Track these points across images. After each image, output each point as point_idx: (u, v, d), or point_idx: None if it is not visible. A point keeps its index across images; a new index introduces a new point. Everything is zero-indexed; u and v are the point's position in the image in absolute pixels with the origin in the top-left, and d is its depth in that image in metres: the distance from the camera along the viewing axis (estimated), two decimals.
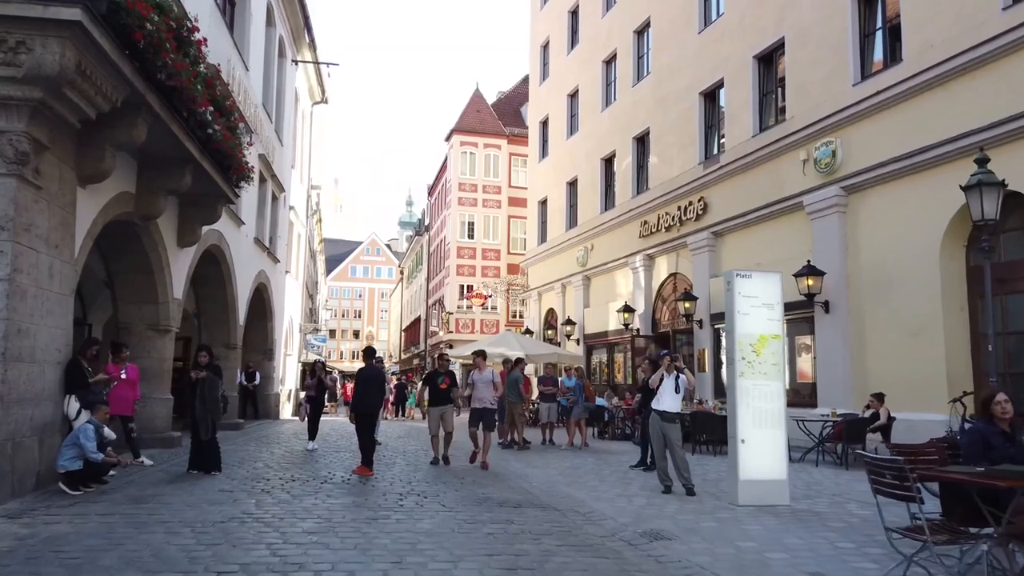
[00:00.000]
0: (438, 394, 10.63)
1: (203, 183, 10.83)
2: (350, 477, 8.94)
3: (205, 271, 15.48)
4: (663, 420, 8.30)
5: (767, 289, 7.69)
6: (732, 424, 7.53)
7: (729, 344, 7.64)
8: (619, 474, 9.95)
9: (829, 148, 13.71)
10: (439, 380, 10.70)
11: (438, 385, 10.63)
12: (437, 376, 10.82)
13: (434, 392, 10.73)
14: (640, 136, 21.16)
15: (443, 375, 10.74)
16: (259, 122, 17.88)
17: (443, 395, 10.58)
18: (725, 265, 17.07)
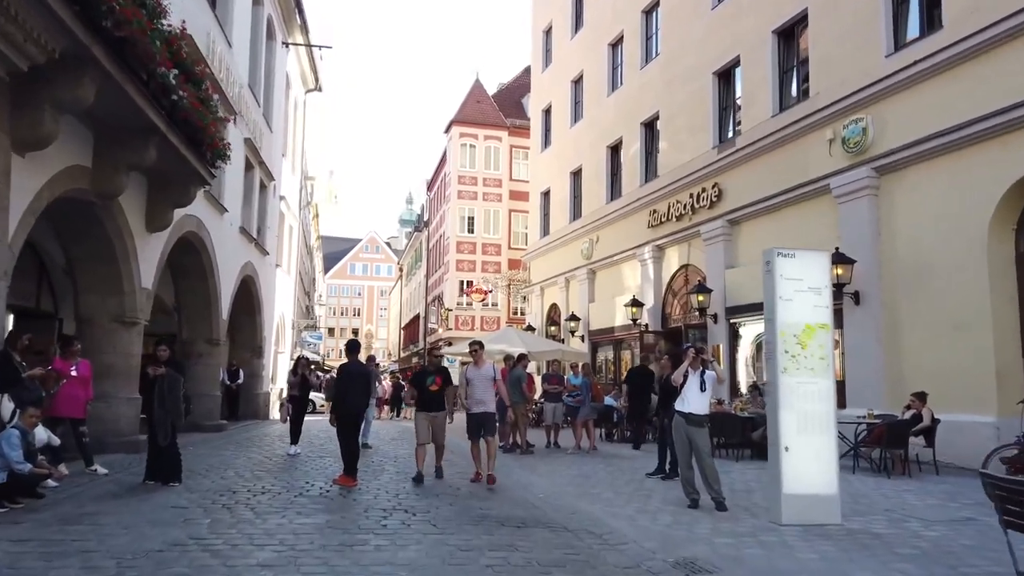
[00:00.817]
0: (428, 397, 8.71)
1: (171, 159, 9.74)
2: (330, 488, 7.85)
3: (183, 261, 14.43)
4: (689, 424, 7.20)
5: (813, 270, 6.59)
6: (773, 429, 6.43)
7: (769, 335, 6.54)
8: (635, 483, 8.86)
9: (859, 126, 12.59)
10: (428, 380, 8.74)
11: (427, 386, 8.70)
12: (426, 375, 8.88)
13: (423, 394, 8.77)
14: (648, 121, 20.05)
15: (433, 374, 8.80)
16: (244, 104, 16.80)
17: (434, 398, 8.72)
18: (742, 255, 15.98)
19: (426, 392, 8.73)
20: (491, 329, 33.63)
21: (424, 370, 9.27)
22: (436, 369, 9.01)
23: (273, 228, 21.47)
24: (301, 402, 10.95)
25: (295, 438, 10.98)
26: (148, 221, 10.88)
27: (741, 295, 15.52)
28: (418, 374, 9.31)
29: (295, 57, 24.54)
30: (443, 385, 8.78)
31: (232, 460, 10.16)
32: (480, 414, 8.74)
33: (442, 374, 8.88)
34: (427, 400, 8.73)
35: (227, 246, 15.84)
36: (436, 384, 8.74)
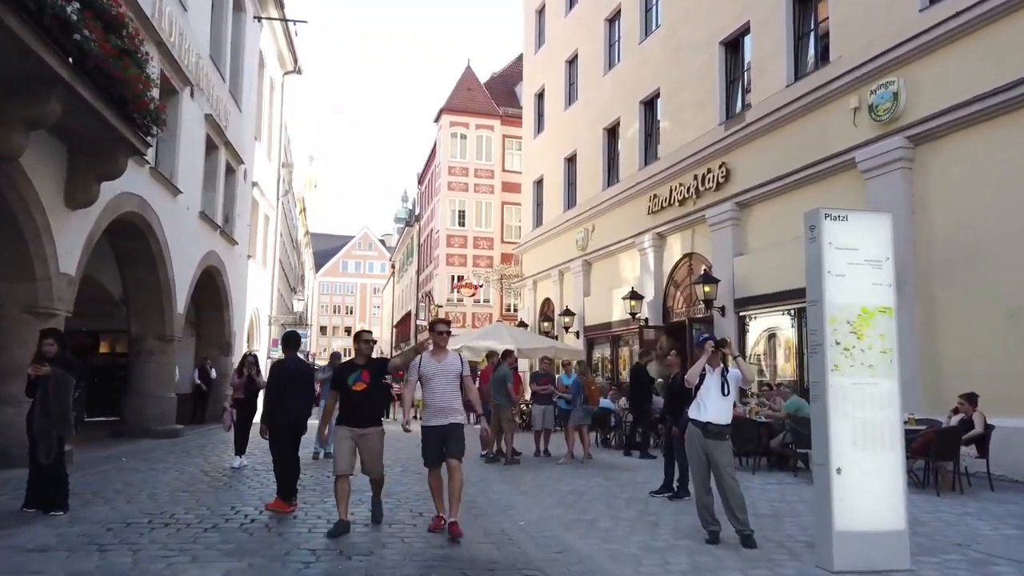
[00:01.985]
0: (353, 403, 5.91)
1: (85, 118, 8.19)
2: (257, 516, 6.33)
3: (129, 247, 12.92)
4: (707, 436, 5.68)
5: (872, 237, 5.07)
6: (821, 445, 4.91)
7: (814, 322, 5.03)
8: (638, 504, 7.34)
9: (889, 91, 11.09)
10: (352, 377, 5.92)
11: (350, 386, 5.89)
12: (349, 370, 6.01)
13: (345, 399, 5.96)
14: (648, 99, 18.53)
15: (360, 367, 5.99)
16: (204, 76, 15.25)
17: (362, 405, 5.90)
18: (752, 241, 14.48)
19: (350, 395, 5.89)
20: (483, 326, 32.09)
21: (348, 365, 6.20)
22: (365, 360, 6.07)
23: (244, 217, 19.90)
24: (247, 406, 9.38)
25: (240, 448, 9.43)
26: (68, 196, 9.33)
27: (752, 285, 14.03)
28: (339, 369, 6.26)
29: (270, 35, 22.99)
30: (375, 383, 6.00)
31: (159, 476, 8.60)
32: (441, 428, 5.81)
33: (374, 368, 6.05)
34: (352, 408, 5.91)
35: (183, 232, 14.28)
36: (363, 382, 5.89)
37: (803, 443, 9.45)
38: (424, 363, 6.00)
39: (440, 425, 5.87)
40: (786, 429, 9.87)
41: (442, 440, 5.83)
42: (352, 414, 5.97)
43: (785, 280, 13.02)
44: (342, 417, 6.02)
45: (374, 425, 6.00)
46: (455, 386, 5.94)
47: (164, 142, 13.66)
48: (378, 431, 6.02)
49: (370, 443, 5.95)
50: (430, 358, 5.99)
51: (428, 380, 5.92)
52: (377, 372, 6.14)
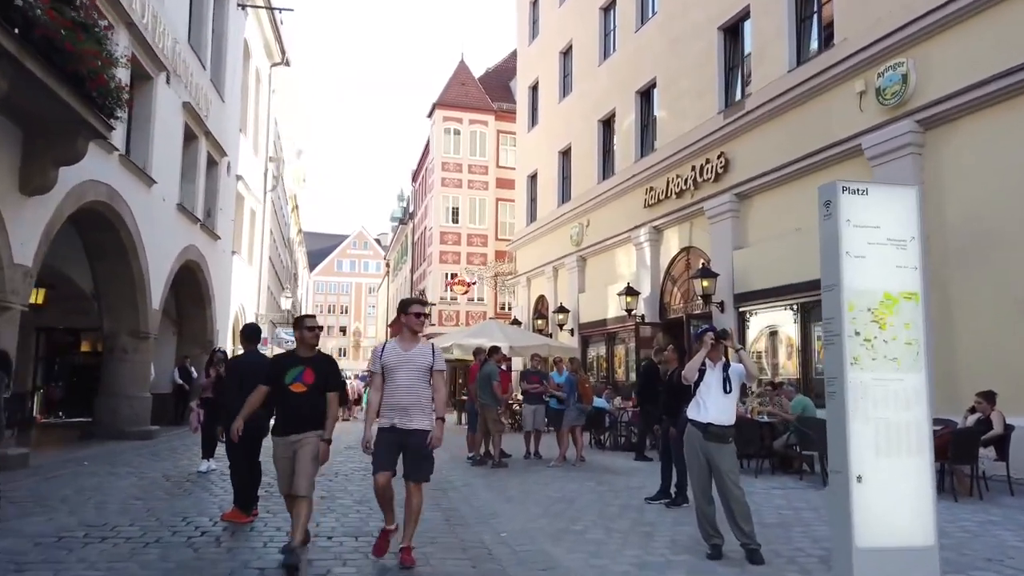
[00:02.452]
0: (290, 406, 4.87)
1: (35, 94, 7.59)
2: (210, 528, 5.73)
3: (98, 238, 12.31)
4: (708, 439, 5.10)
5: (895, 213, 4.48)
6: (838, 449, 4.33)
7: (829, 310, 4.44)
8: (632, 513, 6.75)
9: (897, 72, 10.52)
10: (291, 374, 4.85)
11: (287, 385, 4.84)
12: (288, 366, 4.92)
13: (282, 401, 4.92)
14: (644, 89, 17.95)
15: (303, 365, 4.89)
16: (181, 62, 14.65)
17: (300, 407, 4.84)
18: (752, 233, 13.90)
19: (287, 397, 4.84)
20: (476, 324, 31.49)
21: (287, 357, 5.12)
22: (310, 354, 4.99)
23: (227, 211, 19.27)
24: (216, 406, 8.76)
25: (208, 451, 8.82)
26: (23, 181, 8.71)
27: (752, 279, 13.46)
28: (276, 362, 5.16)
29: (256, 25, 22.38)
30: (318, 386, 4.85)
31: (116, 482, 7.98)
32: (400, 432, 4.72)
33: (320, 367, 4.94)
34: (287, 412, 4.87)
35: (158, 224, 13.66)
36: (303, 383, 4.82)
37: (809, 445, 8.89)
38: (388, 351, 4.85)
39: (400, 430, 4.72)
40: (790, 430, 9.30)
41: (401, 447, 4.76)
42: (288, 420, 4.85)
43: (787, 274, 12.47)
44: (277, 425, 4.93)
45: (310, 430, 4.80)
46: (424, 383, 4.81)
47: (138, 129, 13.09)
48: (315, 437, 4.79)
49: (302, 448, 4.76)
50: (396, 346, 4.89)
51: (391, 372, 4.77)
52: (322, 374, 4.89)
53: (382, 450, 4.76)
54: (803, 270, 12.03)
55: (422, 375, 4.83)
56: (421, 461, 4.81)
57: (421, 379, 4.83)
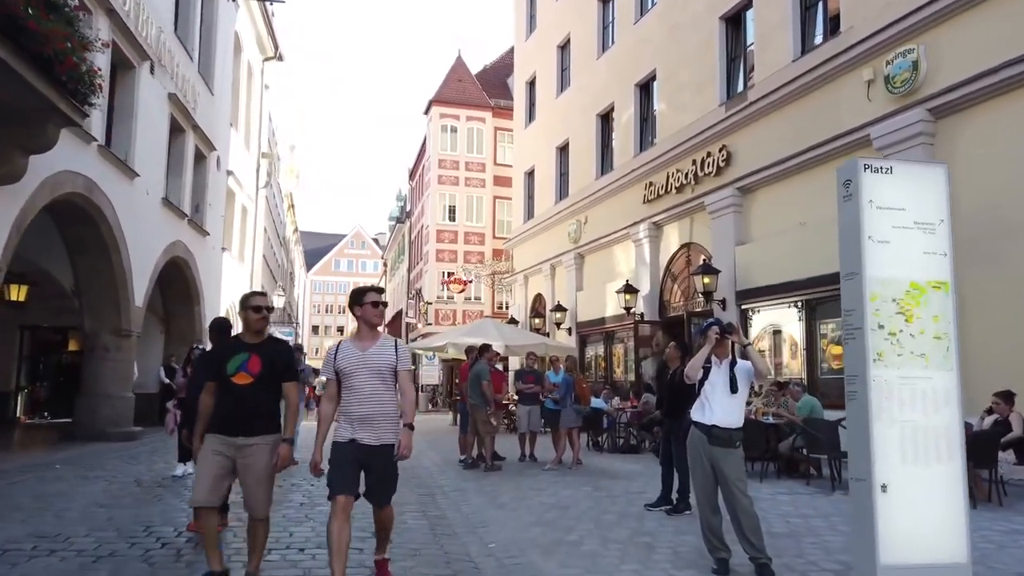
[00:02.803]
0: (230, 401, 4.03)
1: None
2: (173, 539, 5.30)
3: (78, 233, 11.87)
4: (712, 443, 4.66)
5: (922, 194, 4.06)
6: (860, 455, 3.90)
7: (850, 301, 4.01)
8: (631, 521, 6.32)
9: (907, 59, 10.10)
10: (234, 364, 4.05)
11: (230, 377, 4.03)
12: (230, 353, 4.12)
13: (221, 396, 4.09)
14: (644, 82, 17.53)
15: (249, 352, 4.07)
16: (167, 52, 14.21)
17: (243, 401, 4.01)
18: (755, 228, 13.47)
19: (229, 390, 3.99)
20: None
21: (230, 341, 4.34)
22: (256, 339, 4.13)
23: (217, 207, 18.83)
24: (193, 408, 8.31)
25: (184, 454, 8.36)
26: None
27: (755, 276, 13.03)
28: (216, 351, 4.48)
29: (248, 18, 21.96)
30: (268, 377, 4.04)
31: (84, 487, 7.54)
32: (361, 448, 3.96)
33: (269, 355, 4.08)
34: (228, 407, 3.99)
35: (142, 219, 13.21)
36: (248, 373, 3.99)
37: (817, 448, 8.47)
38: (343, 353, 4.06)
39: (360, 443, 3.94)
40: (796, 432, 8.87)
41: (362, 465, 3.97)
42: (230, 418, 3.96)
43: (791, 270, 12.05)
44: (215, 421, 4.05)
45: (263, 433, 3.98)
46: (388, 387, 4.03)
47: (120, 120, 12.67)
48: (269, 442, 3.97)
49: (254, 459, 3.93)
50: (352, 345, 4.10)
51: (347, 377, 4.01)
52: (272, 362, 4.06)
53: (339, 467, 3.92)
54: (808, 266, 11.64)
55: (385, 378, 4.04)
56: (386, 480, 4.09)
57: (384, 382, 4.03)
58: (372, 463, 4.00)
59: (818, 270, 11.42)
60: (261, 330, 4.20)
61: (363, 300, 4.16)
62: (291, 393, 4.18)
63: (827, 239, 11.48)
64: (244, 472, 3.98)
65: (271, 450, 4.01)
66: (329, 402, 4.12)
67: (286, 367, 4.18)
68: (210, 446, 4.00)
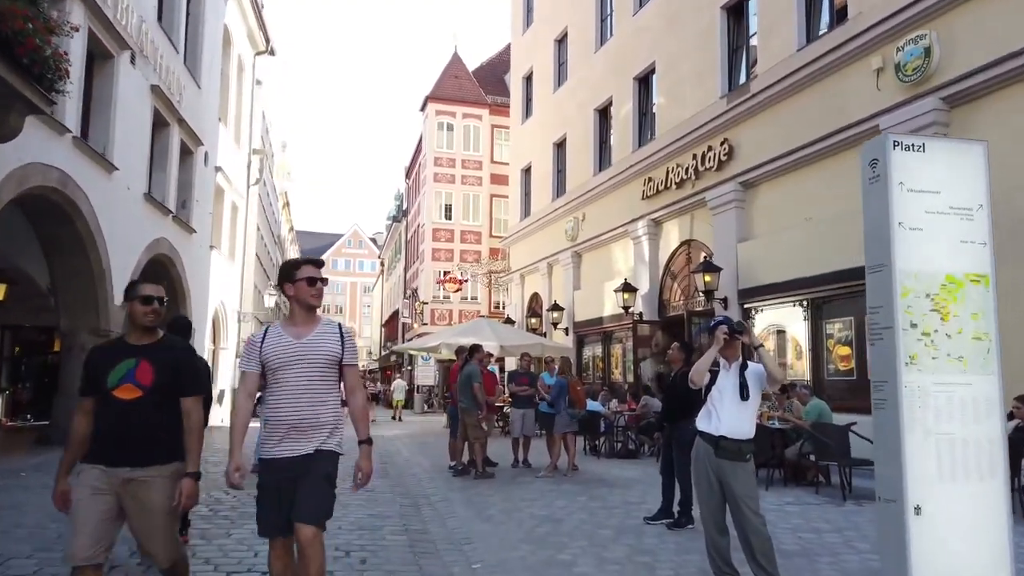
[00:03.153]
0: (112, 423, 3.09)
1: None
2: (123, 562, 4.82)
3: (53, 230, 11.36)
4: (720, 455, 4.19)
5: (960, 175, 3.59)
6: (890, 472, 3.42)
7: (877, 295, 3.54)
8: (629, 536, 5.84)
9: (919, 46, 9.64)
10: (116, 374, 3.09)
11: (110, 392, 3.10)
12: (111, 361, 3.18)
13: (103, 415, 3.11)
14: (643, 75, 17.06)
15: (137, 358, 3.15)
16: (149, 42, 13.71)
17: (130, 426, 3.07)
18: (758, 224, 13.01)
19: (110, 407, 3.09)
20: None
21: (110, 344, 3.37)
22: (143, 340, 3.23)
23: (204, 203, 18.32)
24: None
25: None
26: None
27: (758, 274, 12.56)
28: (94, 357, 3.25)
29: (238, 11, 21.46)
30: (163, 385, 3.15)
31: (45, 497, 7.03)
32: (293, 463, 3.16)
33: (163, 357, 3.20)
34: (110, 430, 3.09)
35: (122, 215, 12.71)
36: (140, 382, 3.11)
37: (825, 454, 8.00)
38: (271, 341, 3.20)
39: (292, 457, 3.12)
40: (803, 437, 8.40)
41: (294, 486, 3.10)
42: (108, 442, 3.07)
43: (796, 267, 11.59)
44: (91, 449, 3.11)
45: (156, 462, 3.08)
46: (329, 386, 3.24)
47: (98, 112, 12.17)
48: (165, 475, 3.09)
49: (145, 497, 3.06)
50: (283, 332, 3.24)
51: (276, 372, 3.17)
52: (168, 372, 3.14)
53: (269, 500, 3.14)
54: (813, 263, 11.18)
55: (326, 374, 3.22)
56: (317, 492, 3.11)
57: (324, 380, 3.21)
58: (301, 478, 3.11)
59: (824, 267, 10.98)
60: (152, 328, 3.22)
61: (295, 275, 3.26)
62: (193, 412, 3.21)
63: (833, 235, 11.08)
64: (133, 514, 3.07)
65: (169, 484, 3.08)
66: (248, 399, 3.24)
67: (189, 377, 3.24)
68: (87, 482, 3.01)
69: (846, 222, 10.61)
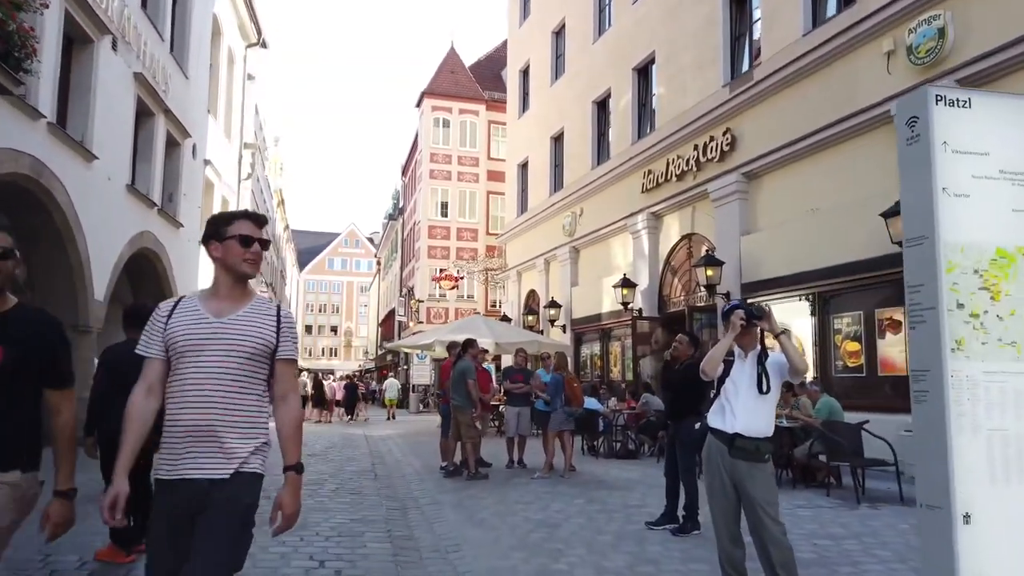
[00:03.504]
0: None
1: None
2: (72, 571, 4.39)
3: (28, 221, 10.87)
4: (735, 454, 3.74)
5: (1011, 135, 3.13)
6: (934, 475, 2.97)
7: (917, 272, 3.10)
8: (630, 543, 5.40)
9: (932, 27, 9.21)
10: None
11: None
12: None
13: None
14: (642, 66, 16.64)
15: None
16: (132, 29, 13.25)
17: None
18: (762, 217, 12.59)
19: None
20: None
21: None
22: None
23: (193, 197, 17.86)
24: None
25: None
26: None
27: (762, 267, 12.14)
28: None
29: (228, 2, 20.99)
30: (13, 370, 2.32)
31: None
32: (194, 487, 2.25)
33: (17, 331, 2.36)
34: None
35: (103, 206, 12.24)
36: None
37: (837, 454, 7.57)
38: (180, 316, 2.40)
39: (195, 480, 2.26)
40: (813, 437, 7.97)
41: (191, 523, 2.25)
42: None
43: (802, 260, 11.17)
44: None
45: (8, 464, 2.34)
46: (253, 381, 2.37)
47: (77, 99, 11.70)
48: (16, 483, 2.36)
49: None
50: (199, 305, 2.44)
51: (184, 358, 2.33)
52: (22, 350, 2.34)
53: (159, 537, 2.28)
54: (820, 256, 10.77)
55: (251, 368, 2.35)
56: (222, 536, 2.22)
57: (248, 374, 2.35)
58: (209, 504, 2.22)
59: (831, 260, 10.57)
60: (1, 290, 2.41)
61: (225, 232, 2.42)
62: (63, 410, 2.47)
63: (841, 226, 10.66)
64: None
65: (15, 497, 2.33)
66: (148, 395, 2.34)
67: (53, 360, 2.44)
68: None
69: (854, 213, 10.21)
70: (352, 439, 15.00)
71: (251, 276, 2.49)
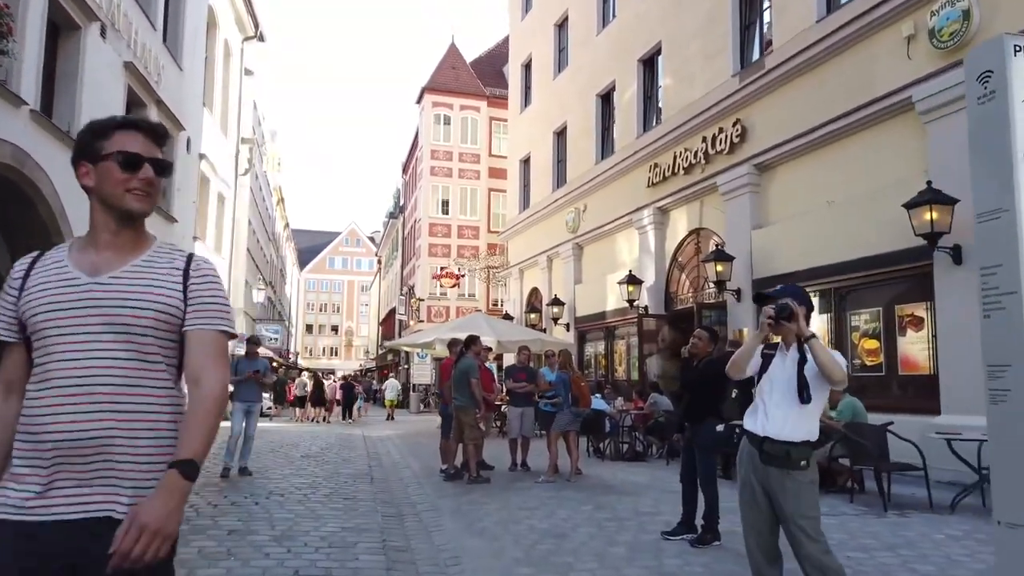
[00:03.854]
0: None
1: None
2: None
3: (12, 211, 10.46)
4: (770, 461, 3.30)
5: None
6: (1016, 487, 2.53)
7: (990, 253, 2.66)
8: (646, 556, 4.97)
9: (956, 8, 8.78)
10: None
11: None
12: None
13: None
14: (648, 57, 16.20)
15: None
16: (122, 17, 12.82)
17: None
18: (774, 210, 12.15)
19: None
20: None
21: None
22: None
23: (187, 192, 17.42)
24: None
25: None
26: None
27: (774, 262, 11.69)
28: None
29: None
30: None
31: None
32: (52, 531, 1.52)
33: None
34: None
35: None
36: None
37: (861, 458, 7.13)
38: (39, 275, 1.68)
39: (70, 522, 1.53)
40: (834, 439, 7.52)
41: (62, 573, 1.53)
42: None
43: (817, 255, 10.72)
44: None
45: None
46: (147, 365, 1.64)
47: (63, 87, 11.28)
48: None
49: None
50: (65, 261, 1.70)
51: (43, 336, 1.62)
52: None
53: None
54: (836, 250, 10.33)
55: (147, 343, 1.65)
56: None
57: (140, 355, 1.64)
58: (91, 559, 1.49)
59: (848, 254, 10.13)
60: None
61: (100, 149, 1.73)
62: None
63: (858, 219, 10.22)
64: None
65: None
66: (7, 396, 1.69)
67: None
68: None
69: (872, 205, 9.79)
70: (350, 440, 14.59)
71: (140, 214, 1.76)
